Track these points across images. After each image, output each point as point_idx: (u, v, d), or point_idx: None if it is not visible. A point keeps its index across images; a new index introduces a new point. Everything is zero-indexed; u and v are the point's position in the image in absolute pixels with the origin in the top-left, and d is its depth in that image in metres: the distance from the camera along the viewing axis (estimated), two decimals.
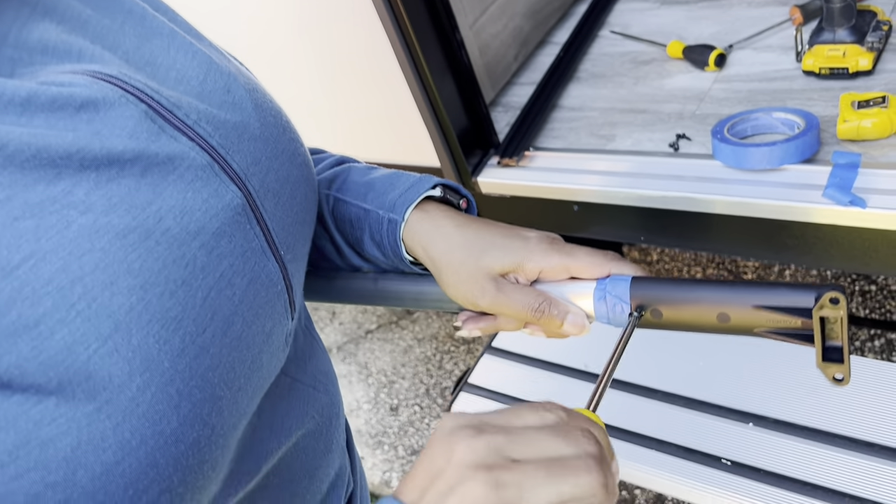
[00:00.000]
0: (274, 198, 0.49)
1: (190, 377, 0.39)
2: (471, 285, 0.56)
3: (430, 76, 1.13)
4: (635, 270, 0.55)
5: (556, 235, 0.57)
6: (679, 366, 1.14)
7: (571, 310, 0.55)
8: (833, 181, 0.94)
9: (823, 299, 0.45)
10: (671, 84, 1.27)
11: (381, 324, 2.45)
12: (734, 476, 0.99)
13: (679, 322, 0.53)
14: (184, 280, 0.40)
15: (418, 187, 0.59)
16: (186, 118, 0.44)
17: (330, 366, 0.63)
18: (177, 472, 0.38)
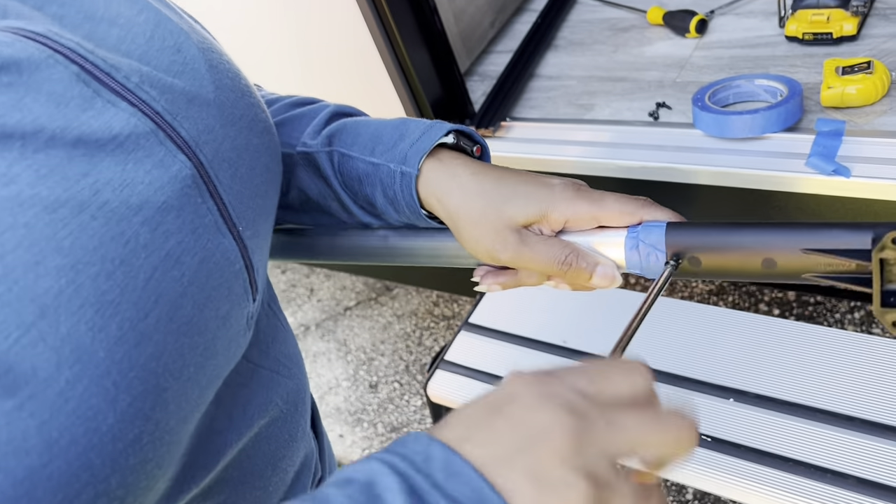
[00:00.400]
0: (230, 168, 0.44)
1: (129, 368, 0.35)
2: (492, 238, 0.51)
3: (401, 43, 1.09)
4: (669, 215, 0.50)
5: (581, 182, 0.53)
6: (659, 341, 1.12)
7: (601, 261, 0.51)
8: (816, 150, 0.91)
9: (886, 239, 0.41)
10: (651, 51, 1.24)
11: (359, 300, 2.41)
12: (715, 452, 0.97)
13: (720, 270, 0.49)
14: (123, 259, 0.35)
15: (430, 135, 0.53)
16: (127, 81, 0.39)
17: (295, 348, 0.59)
18: (115, 474, 0.34)
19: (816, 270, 0.45)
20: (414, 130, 0.54)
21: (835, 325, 1.71)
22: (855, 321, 1.71)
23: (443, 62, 1.17)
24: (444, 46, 1.15)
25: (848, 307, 1.74)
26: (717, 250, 0.48)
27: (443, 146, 0.55)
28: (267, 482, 0.53)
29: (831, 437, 0.93)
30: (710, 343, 1.09)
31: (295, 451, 0.57)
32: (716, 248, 0.48)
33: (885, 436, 0.91)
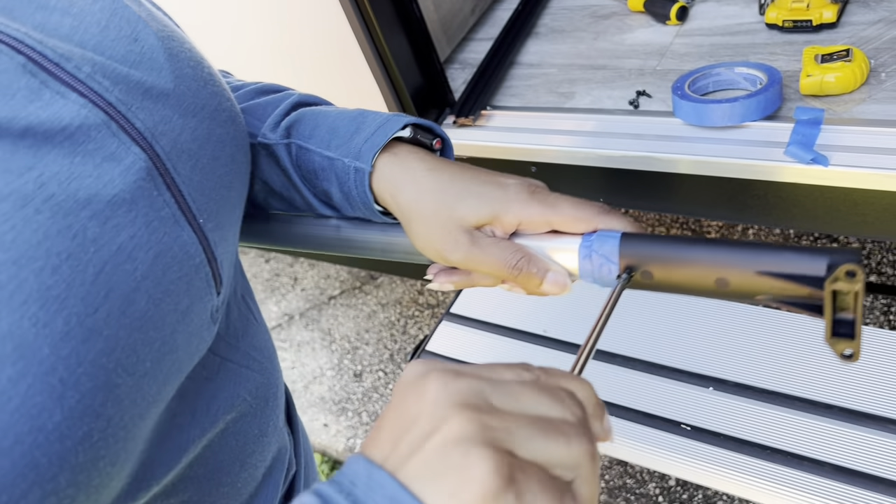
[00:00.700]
0: (190, 160, 0.43)
1: (77, 364, 0.34)
2: (442, 237, 0.50)
3: (380, 31, 1.07)
4: (626, 225, 0.49)
5: (539, 183, 0.52)
6: (639, 330, 1.12)
7: (552, 267, 0.50)
8: (795, 138, 0.91)
9: (839, 271, 0.40)
10: (632, 39, 1.23)
11: (344, 289, 2.41)
12: (694, 441, 0.97)
13: (673, 285, 0.48)
14: (70, 253, 0.35)
15: (386, 129, 0.52)
16: (77, 71, 0.38)
17: (268, 342, 0.58)
18: (64, 473, 0.33)
19: (769, 293, 0.44)
20: (370, 124, 0.53)
21: None
22: None
23: (422, 50, 1.16)
24: (423, 34, 1.14)
25: None
26: (671, 266, 0.47)
27: (400, 140, 0.54)
28: (235, 478, 0.53)
29: (810, 425, 0.93)
30: (690, 332, 1.09)
31: (265, 447, 0.56)
32: (669, 263, 0.47)
33: (862, 423, 0.91)
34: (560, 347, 1.13)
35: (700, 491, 1.55)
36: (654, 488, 1.59)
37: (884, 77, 0.96)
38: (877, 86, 0.95)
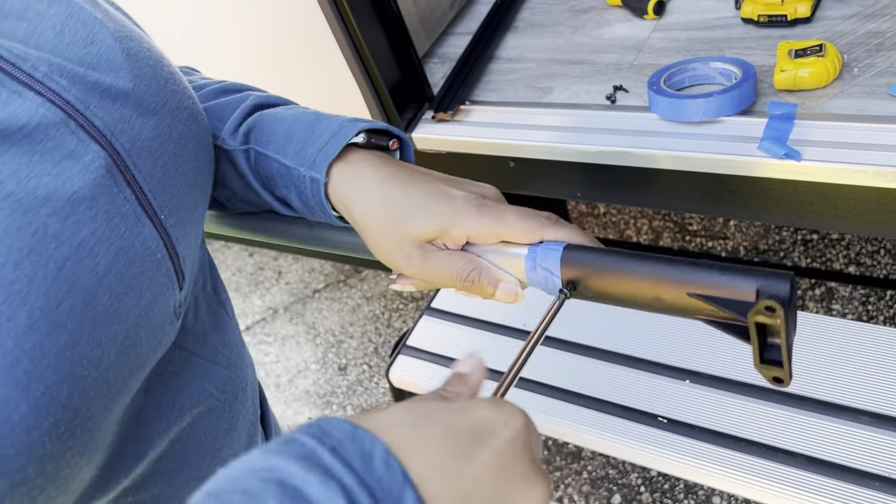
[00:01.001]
0: (151, 157, 0.44)
1: (41, 356, 0.34)
2: (395, 251, 0.52)
3: (356, 26, 1.07)
4: (572, 235, 0.50)
5: (488, 192, 0.52)
6: (616, 324, 1.13)
7: (503, 277, 0.52)
8: (769, 133, 0.91)
9: (759, 306, 0.40)
10: (610, 33, 1.23)
11: (328, 283, 2.41)
12: (671, 434, 0.98)
13: (612, 299, 0.48)
14: (31, 249, 0.35)
15: (339, 137, 0.53)
16: (34, 71, 0.39)
17: (237, 337, 0.59)
18: (31, 463, 0.34)
19: (702, 314, 0.44)
20: (324, 131, 0.53)
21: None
22: (815, 297, 1.74)
23: (400, 45, 1.15)
24: (400, 28, 1.14)
25: (809, 284, 1.76)
26: (610, 280, 0.47)
27: (355, 145, 0.54)
28: (206, 472, 0.53)
29: (783, 416, 0.94)
30: (667, 326, 1.10)
31: (235, 441, 0.57)
32: (608, 278, 0.47)
33: (833, 414, 0.92)
34: (541, 342, 1.14)
35: (682, 481, 1.56)
36: (636, 478, 1.61)
37: (856, 72, 0.96)
38: (850, 80, 0.96)
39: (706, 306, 0.43)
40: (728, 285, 0.42)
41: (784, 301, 0.39)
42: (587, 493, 1.62)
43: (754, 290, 0.41)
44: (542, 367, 1.10)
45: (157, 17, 1.24)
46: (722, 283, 0.42)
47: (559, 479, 1.65)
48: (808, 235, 1.83)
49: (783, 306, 0.39)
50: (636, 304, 0.47)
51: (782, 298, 0.40)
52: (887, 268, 1.71)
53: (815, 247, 1.81)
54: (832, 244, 1.80)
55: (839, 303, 1.71)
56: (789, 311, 0.40)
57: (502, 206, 0.51)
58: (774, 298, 0.39)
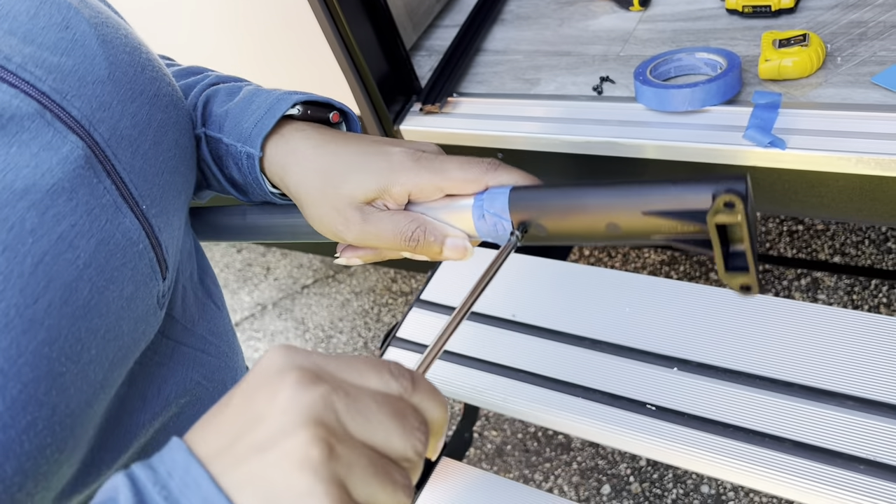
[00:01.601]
0: (130, 146, 0.43)
1: (17, 354, 0.34)
2: (333, 217, 0.49)
3: (343, 19, 1.07)
4: (516, 178, 0.48)
5: (427, 147, 0.51)
6: (604, 312, 1.13)
7: (450, 232, 0.49)
8: (753, 122, 0.92)
9: (717, 203, 0.38)
10: (596, 25, 1.24)
11: (317, 278, 2.40)
12: (659, 421, 0.99)
13: (566, 235, 0.46)
14: (7, 245, 0.35)
15: (274, 110, 0.51)
16: (7, 62, 0.38)
17: (227, 325, 0.58)
18: (9, 461, 0.34)
19: (661, 233, 0.43)
20: (260, 105, 0.52)
21: (782, 292, 1.75)
22: (801, 287, 1.75)
23: (387, 37, 1.16)
24: (387, 21, 1.14)
25: (795, 274, 1.78)
26: (561, 215, 0.45)
27: (292, 118, 0.53)
28: None
29: (770, 402, 0.95)
30: (655, 313, 1.11)
31: None
32: (559, 213, 0.45)
33: (820, 400, 0.93)
34: (529, 332, 1.14)
35: (670, 470, 1.58)
36: (625, 469, 1.62)
37: (839, 61, 0.98)
38: (833, 70, 0.97)
39: (664, 222, 0.42)
40: (683, 196, 0.41)
41: (742, 196, 0.38)
42: (577, 483, 1.63)
43: (710, 195, 0.40)
44: (530, 357, 1.11)
45: (139, 4, 1.24)
46: (677, 195, 0.41)
47: (549, 471, 1.66)
48: (794, 226, 1.85)
49: (742, 200, 0.38)
50: (592, 236, 0.45)
51: (740, 193, 0.38)
52: (871, 257, 1.73)
53: (801, 237, 1.83)
54: (817, 235, 1.82)
55: (825, 293, 1.72)
56: (748, 208, 0.39)
57: (441, 157, 0.49)
58: (732, 192, 0.38)
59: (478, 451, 1.74)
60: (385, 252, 0.52)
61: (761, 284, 0.40)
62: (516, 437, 1.74)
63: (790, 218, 1.86)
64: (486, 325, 1.19)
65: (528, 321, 1.16)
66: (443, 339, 0.43)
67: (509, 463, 1.70)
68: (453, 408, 1.85)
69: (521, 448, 1.72)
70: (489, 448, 1.74)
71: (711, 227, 0.39)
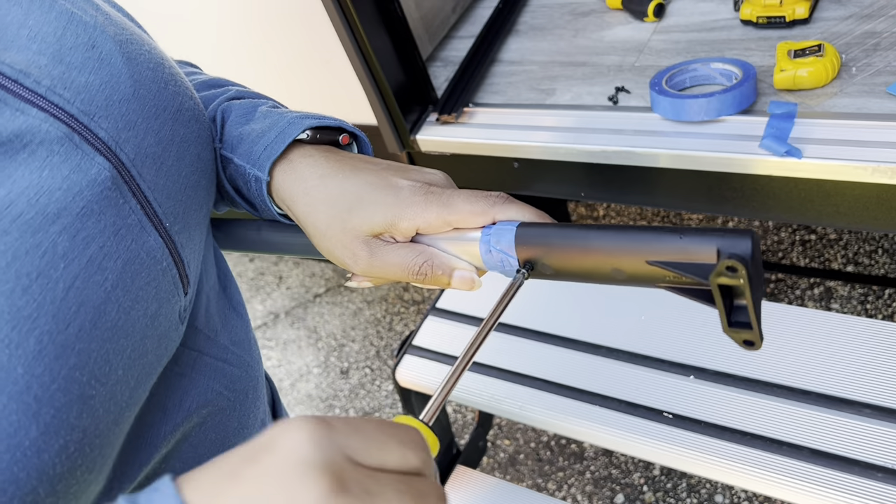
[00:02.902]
0: (154, 163, 0.43)
1: (50, 381, 0.34)
2: (341, 250, 0.49)
3: (362, 30, 1.08)
4: (524, 213, 0.48)
5: (436, 179, 0.50)
6: (621, 321, 1.14)
7: (458, 265, 0.49)
8: (769, 132, 0.93)
9: (720, 266, 0.38)
10: (611, 36, 1.25)
11: (329, 287, 2.41)
12: (676, 429, 0.99)
13: (573, 275, 0.46)
14: (40, 272, 0.35)
15: (284, 136, 0.51)
16: (36, 86, 0.38)
17: (248, 334, 0.58)
18: (42, 484, 0.34)
19: (665, 282, 0.43)
20: (273, 129, 0.52)
21: (795, 301, 1.75)
22: (815, 297, 1.75)
23: (404, 48, 1.17)
24: (405, 32, 1.15)
25: (808, 283, 1.78)
26: (567, 255, 0.45)
27: (301, 141, 0.52)
28: None
29: (787, 410, 0.96)
30: (671, 322, 1.11)
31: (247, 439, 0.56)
32: (565, 253, 0.45)
33: (837, 408, 0.94)
34: (545, 340, 1.15)
35: (684, 479, 1.57)
36: (638, 478, 1.62)
37: (854, 71, 0.98)
38: (848, 80, 0.98)
39: (667, 273, 0.42)
40: (687, 249, 0.40)
41: (745, 259, 0.38)
42: (590, 493, 1.63)
43: (714, 250, 0.40)
44: (546, 365, 1.12)
45: (157, 14, 1.26)
46: (681, 248, 0.41)
47: (562, 480, 1.66)
48: (807, 236, 1.85)
49: (745, 265, 0.37)
50: (596, 277, 0.45)
51: (743, 257, 0.38)
52: (885, 267, 1.73)
53: (814, 247, 1.83)
54: (830, 244, 1.82)
55: (838, 302, 1.72)
56: (752, 269, 0.38)
57: (449, 191, 0.48)
58: (735, 258, 0.38)
59: (491, 461, 1.74)
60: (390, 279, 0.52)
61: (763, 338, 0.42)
62: (529, 447, 1.74)
63: (803, 227, 1.86)
64: (503, 333, 1.20)
65: (545, 329, 1.17)
66: (448, 385, 0.43)
67: (522, 472, 1.70)
68: (465, 416, 1.86)
69: (533, 457, 1.72)
70: (502, 457, 1.74)
71: (714, 287, 0.39)
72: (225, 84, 0.61)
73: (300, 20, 1.15)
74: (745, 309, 0.40)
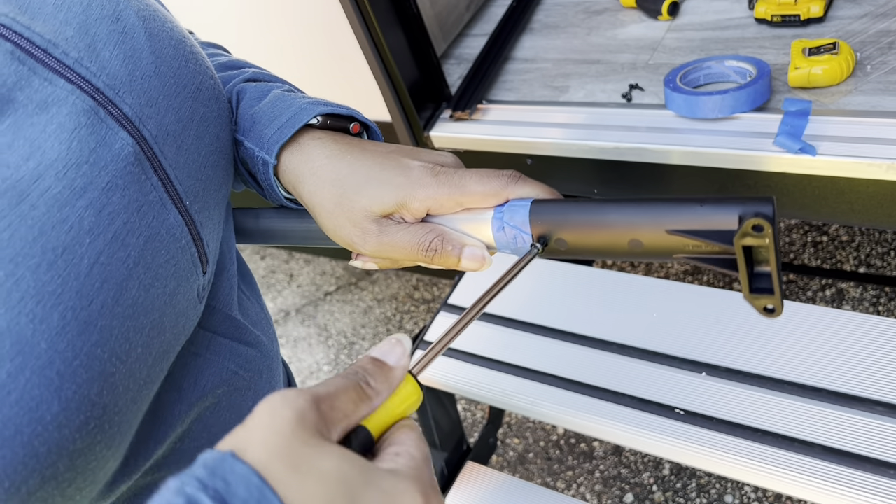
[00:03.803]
0: (175, 141, 0.43)
1: (73, 357, 0.35)
2: (349, 229, 0.49)
3: (378, 27, 1.09)
4: (538, 190, 0.47)
5: (446, 160, 0.50)
6: (632, 317, 1.14)
7: (468, 242, 0.48)
8: (784, 129, 0.93)
9: (745, 226, 0.38)
10: (624, 34, 1.25)
11: (340, 285, 2.42)
12: (688, 425, 0.99)
13: (588, 250, 0.46)
14: (66, 247, 0.35)
15: (295, 120, 0.51)
16: (65, 57, 0.38)
17: (262, 314, 0.58)
18: (62, 459, 0.35)
19: (684, 252, 0.42)
20: (282, 113, 0.52)
21: (807, 303, 1.75)
22: (826, 298, 1.75)
23: (419, 45, 1.18)
24: (419, 29, 1.16)
25: (819, 285, 1.77)
26: (583, 230, 0.45)
27: (311, 126, 0.52)
28: None
29: (799, 407, 0.96)
30: (683, 319, 1.11)
31: None
32: (581, 227, 0.45)
33: (849, 405, 0.94)
34: (557, 336, 1.15)
35: (694, 479, 1.57)
36: (648, 478, 1.62)
37: (869, 69, 0.98)
38: (862, 78, 0.98)
39: (688, 241, 0.42)
40: (709, 216, 0.41)
41: (770, 219, 0.38)
42: (599, 492, 1.63)
43: (736, 216, 0.40)
44: (558, 361, 1.12)
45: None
46: (702, 215, 0.41)
47: (571, 479, 1.66)
48: (818, 237, 1.84)
49: (771, 224, 0.37)
50: (613, 252, 0.45)
51: (768, 216, 0.38)
52: None
53: (826, 248, 1.83)
54: (842, 246, 1.82)
55: (850, 304, 1.72)
56: (775, 230, 0.38)
57: (461, 171, 0.48)
58: (761, 216, 0.38)
59: (500, 459, 1.75)
60: (402, 260, 0.52)
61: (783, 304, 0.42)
62: (538, 445, 1.74)
63: (815, 228, 1.86)
64: (515, 329, 1.20)
65: (556, 326, 1.17)
66: (447, 337, 0.43)
67: (531, 471, 1.70)
68: (475, 415, 1.86)
69: (543, 456, 1.72)
70: (511, 455, 1.74)
71: (738, 250, 0.39)
72: (243, 66, 0.61)
73: (318, 18, 1.16)
74: (767, 275, 0.40)
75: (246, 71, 0.59)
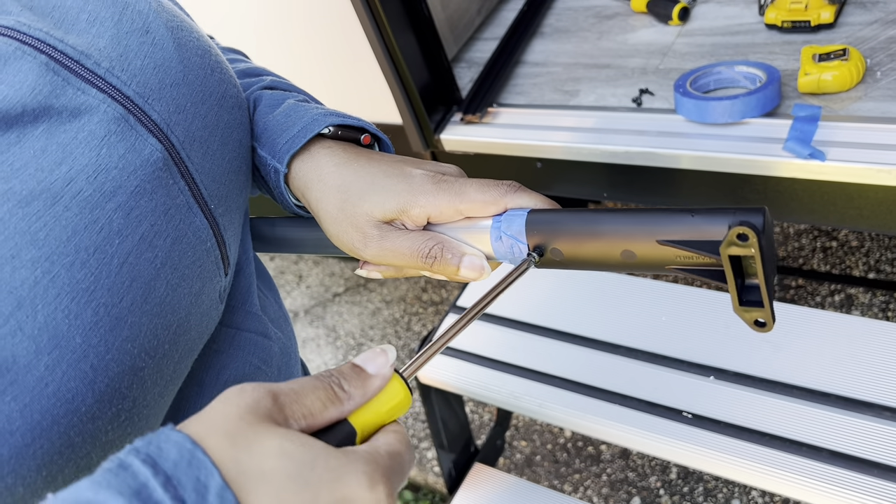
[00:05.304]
0: (201, 147, 0.45)
1: (105, 351, 0.37)
2: (352, 234, 0.50)
3: (389, 30, 1.10)
4: (535, 201, 0.48)
5: (447, 169, 0.51)
6: (642, 321, 1.15)
7: (468, 251, 0.49)
8: (793, 134, 0.94)
9: (730, 235, 0.37)
10: (635, 38, 1.26)
11: (348, 287, 2.43)
12: (695, 429, 1.00)
13: (582, 261, 0.46)
14: (97, 247, 0.37)
15: (306, 131, 0.52)
16: (97, 67, 0.40)
17: (280, 309, 0.60)
18: (96, 449, 0.37)
19: (675, 263, 0.42)
20: (296, 123, 0.53)
21: (815, 307, 1.75)
22: (835, 304, 1.75)
23: (430, 48, 1.18)
24: (431, 32, 1.17)
25: (829, 290, 1.77)
26: (577, 241, 0.45)
27: (322, 136, 0.54)
28: None
29: (807, 412, 0.96)
30: (691, 323, 1.12)
31: None
32: (575, 238, 0.45)
33: (857, 410, 0.94)
34: (566, 339, 1.16)
35: (701, 483, 1.57)
36: (655, 481, 1.62)
37: (879, 76, 0.99)
38: (872, 84, 0.98)
39: (679, 252, 0.41)
40: (699, 226, 0.40)
41: (757, 229, 0.37)
42: (606, 495, 1.63)
43: (726, 226, 0.39)
44: (566, 364, 1.13)
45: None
46: (693, 226, 0.40)
47: (578, 482, 1.67)
48: (828, 243, 1.84)
49: (756, 233, 0.37)
50: (607, 263, 0.45)
51: (755, 226, 0.37)
52: None
53: (835, 254, 1.82)
54: (851, 251, 1.81)
55: (858, 309, 1.72)
56: (763, 241, 0.38)
57: (462, 180, 0.49)
58: (746, 224, 0.37)
59: (507, 461, 1.75)
60: (405, 269, 0.53)
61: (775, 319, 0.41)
62: (546, 448, 1.74)
63: (824, 234, 1.85)
64: (523, 331, 1.21)
65: (564, 328, 1.18)
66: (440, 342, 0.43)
67: (538, 473, 1.70)
68: (482, 417, 1.87)
69: (550, 459, 1.72)
70: (518, 458, 1.74)
71: (724, 259, 0.38)
72: (261, 73, 0.62)
73: (328, 19, 1.17)
74: (757, 287, 0.39)
75: (264, 79, 0.60)
